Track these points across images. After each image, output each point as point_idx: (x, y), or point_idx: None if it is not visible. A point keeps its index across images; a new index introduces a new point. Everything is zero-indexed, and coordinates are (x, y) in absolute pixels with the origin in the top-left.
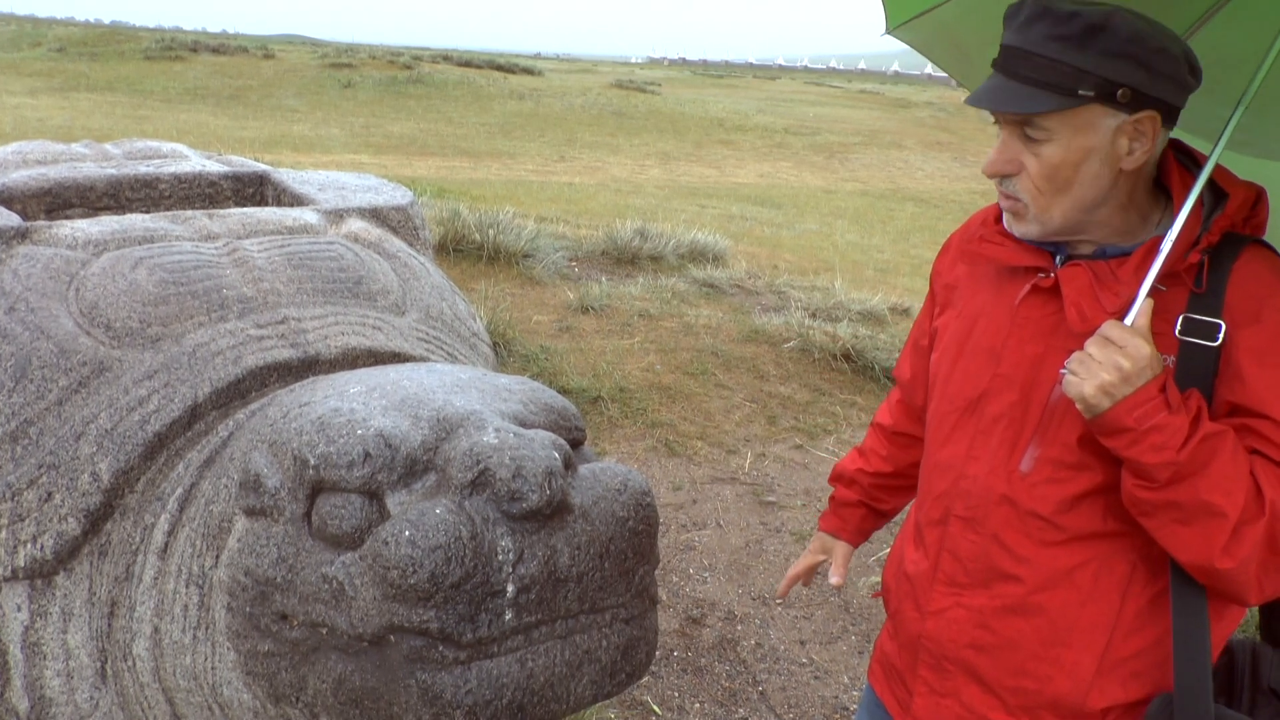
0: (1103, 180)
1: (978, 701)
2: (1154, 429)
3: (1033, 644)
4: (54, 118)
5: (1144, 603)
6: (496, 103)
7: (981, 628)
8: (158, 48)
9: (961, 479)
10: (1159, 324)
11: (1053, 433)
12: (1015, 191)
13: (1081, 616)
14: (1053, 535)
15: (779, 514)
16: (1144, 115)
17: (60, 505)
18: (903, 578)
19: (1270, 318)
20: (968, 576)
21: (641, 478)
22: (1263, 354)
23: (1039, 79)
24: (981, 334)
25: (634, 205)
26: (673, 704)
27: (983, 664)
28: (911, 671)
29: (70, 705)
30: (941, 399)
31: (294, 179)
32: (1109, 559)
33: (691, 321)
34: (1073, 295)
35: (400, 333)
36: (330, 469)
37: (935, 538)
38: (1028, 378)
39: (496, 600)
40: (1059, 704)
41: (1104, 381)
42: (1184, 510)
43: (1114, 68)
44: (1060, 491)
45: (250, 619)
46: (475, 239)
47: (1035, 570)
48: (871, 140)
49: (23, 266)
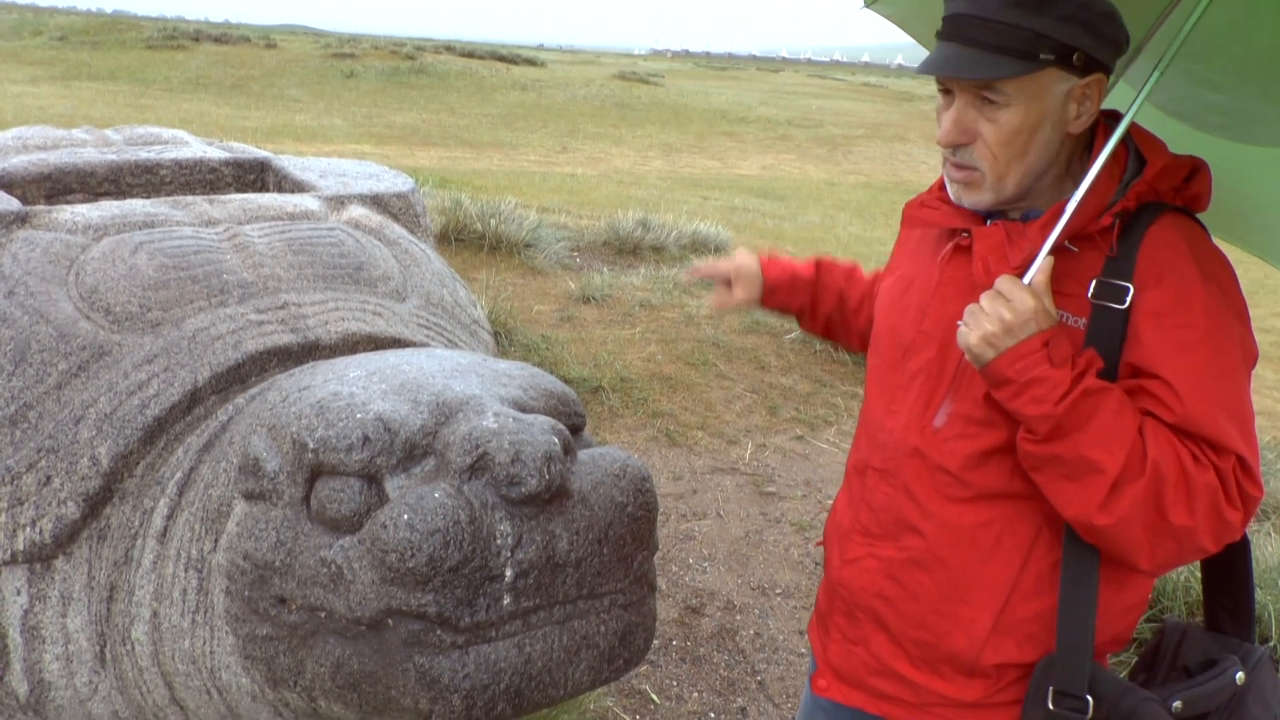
0: (1052, 145)
1: (884, 651)
2: (1034, 381)
3: (933, 598)
4: (56, 106)
5: (1045, 567)
6: (499, 93)
7: (889, 579)
8: (160, 37)
9: (880, 431)
10: (1073, 286)
11: (965, 389)
12: (971, 160)
13: (982, 575)
14: (959, 491)
15: (779, 504)
16: (1092, 79)
17: (59, 489)
18: (833, 526)
19: (1171, 281)
20: (880, 527)
21: (641, 463)
22: (1159, 315)
23: (998, 44)
24: (914, 292)
25: (636, 196)
26: (671, 693)
27: (889, 614)
28: (830, 617)
29: (70, 689)
30: (873, 354)
31: (295, 165)
32: (1013, 521)
33: (693, 312)
34: (982, 250)
35: (400, 319)
36: (329, 453)
37: (857, 488)
38: (946, 335)
39: (494, 585)
40: (955, 658)
41: (987, 332)
42: (1065, 465)
43: (1068, 32)
44: (968, 447)
45: (249, 603)
46: (477, 229)
47: (939, 525)
48: (875, 133)
49: (22, 251)
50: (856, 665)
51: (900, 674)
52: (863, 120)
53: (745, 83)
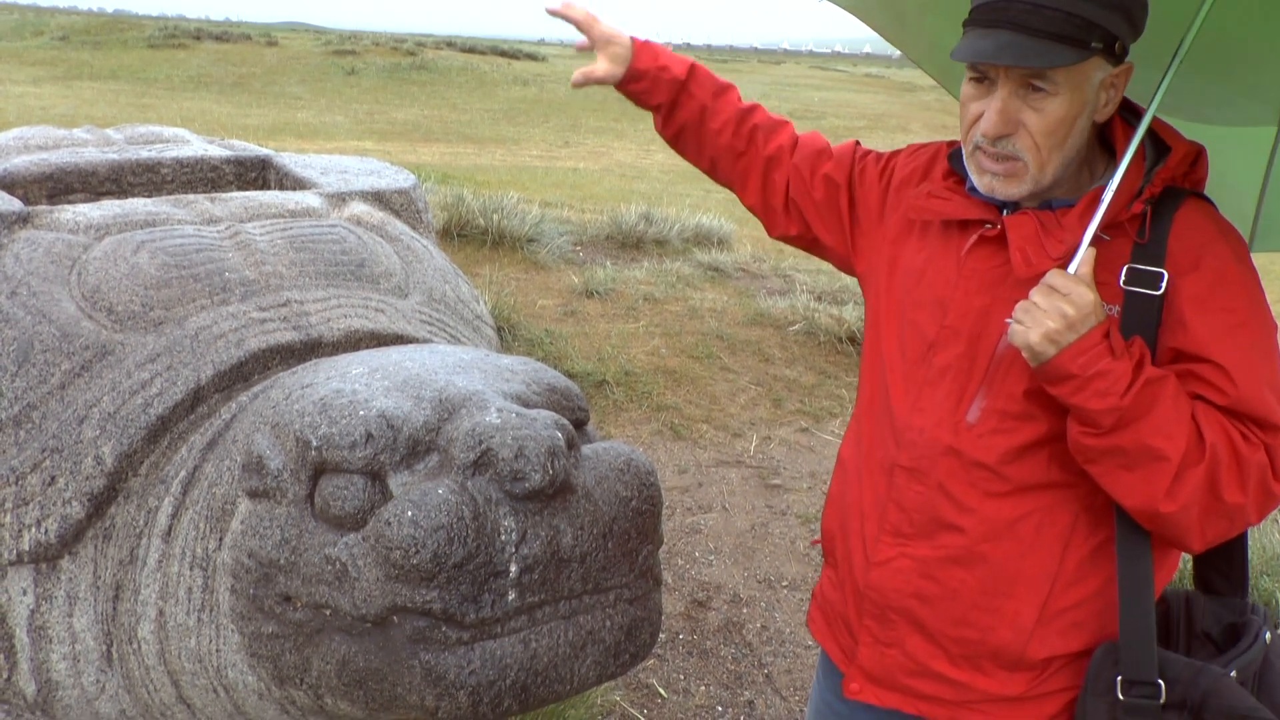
0: (1085, 134)
1: (921, 651)
2: (1098, 375)
3: (975, 594)
4: (58, 106)
5: (1085, 553)
6: (500, 89)
7: (925, 578)
8: (161, 36)
9: (908, 430)
10: (1104, 274)
11: (999, 384)
12: (1014, 150)
13: (1023, 567)
14: (997, 486)
15: (784, 497)
16: (1122, 69)
17: (64, 489)
18: (837, 526)
19: (1209, 265)
20: (912, 527)
21: (645, 457)
22: (1203, 300)
23: (1053, 31)
24: (929, 286)
25: (638, 190)
26: (678, 686)
27: (926, 614)
28: (857, 621)
29: (77, 688)
30: (880, 348)
31: (296, 163)
32: (1052, 510)
33: (696, 305)
34: (1018, 241)
35: (403, 315)
36: (332, 450)
37: (883, 488)
38: (974, 329)
39: (499, 580)
40: (1000, 653)
41: (1049, 329)
42: (1128, 455)
43: (1112, 20)
44: (1006, 442)
45: (254, 601)
46: (479, 224)
47: (979, 521)
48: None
49: (25, 251)
50: (891, 667)
51: (939, 673)
52: (865, 111)
53: (747, 75)
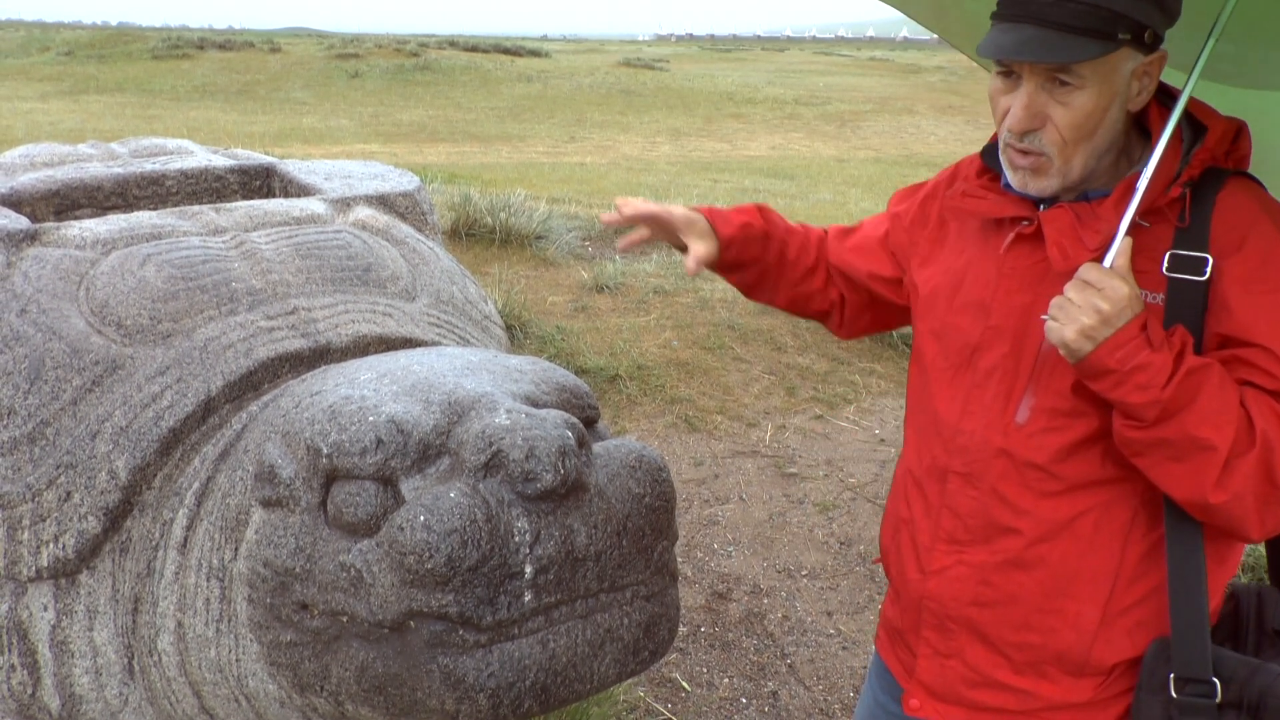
0: (1117, 125)
1: (982, 660)
2: (1137, 368)
3: (1035, 597)
4: (65, 121)
5: (1145, 549)
6: (504, 86)
7: (983, 584)
8: (165, 47)
9: (958, 435)
10: (1145, 262)
11: (1046, 381)
12: (1040, 145)
13: (1083, 567)
14: (1051, 485)
15: (801, 485)
16: (1155, 56)
17: (80, 504)
18: (894, 539)
19: (1254, 245)
20: (968, 533)
21: (656, 453)
22: (1248, 282)
23: (1078, 25)
24: (970, 288)
25: (646, 183)
26: (701, 680)
27: (986, 621)
28: (915, 633)
29: (100, 702)
30: (926, 355)
31: (300, 169)
32: (1109, 506)
33: (707, 296)
34: (1054, 235)
35: (411, 318)
36: (343, 457)
37: (935, 496)
38: (1018, 328)
39: (515, 582)
40: (1064, 657)
41: (1084, 325)
42: (1174, 447)
43: (1141, 9)
44: (1057, 440)
45: (271, 610)
46: (487, 223)
47: (1035, 522)
48: (883, 107)
49: (33, 268)
50: (952, 679)
51: (1002, 682)
52: (870, 95)
53: (751, 64)
